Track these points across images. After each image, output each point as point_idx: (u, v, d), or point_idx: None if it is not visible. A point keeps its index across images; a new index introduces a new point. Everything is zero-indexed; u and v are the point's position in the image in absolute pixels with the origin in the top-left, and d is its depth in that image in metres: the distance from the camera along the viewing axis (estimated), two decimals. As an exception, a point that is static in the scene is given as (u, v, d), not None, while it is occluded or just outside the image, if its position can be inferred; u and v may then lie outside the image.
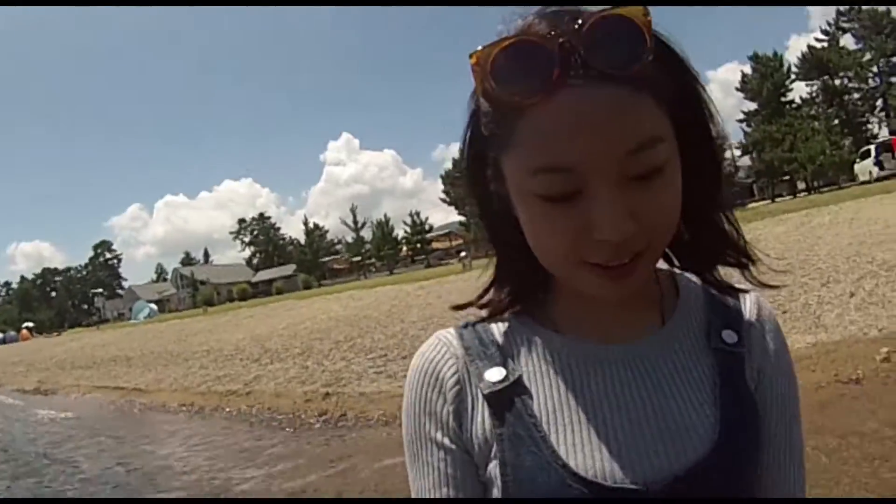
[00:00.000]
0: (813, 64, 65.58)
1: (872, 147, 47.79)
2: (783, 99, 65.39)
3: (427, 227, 71.31)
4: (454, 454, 0.97)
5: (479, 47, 0.82)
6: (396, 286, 28.72)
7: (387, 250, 66.49)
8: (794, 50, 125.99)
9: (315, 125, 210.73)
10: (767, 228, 22.89)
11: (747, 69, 67.64)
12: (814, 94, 66.36)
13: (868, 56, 66.36)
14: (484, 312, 1.07)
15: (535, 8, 0.88)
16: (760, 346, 1.01)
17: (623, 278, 0.87)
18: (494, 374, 0.97)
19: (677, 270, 1.07)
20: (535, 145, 0.83)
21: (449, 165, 75.48)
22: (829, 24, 69.66)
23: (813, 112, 63.86)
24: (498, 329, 1.04)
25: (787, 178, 62.49)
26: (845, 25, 68.76)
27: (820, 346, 8.61)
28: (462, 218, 68.11)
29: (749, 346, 1.00)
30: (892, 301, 10.35)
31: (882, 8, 64.90)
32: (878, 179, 41.23)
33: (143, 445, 12.34)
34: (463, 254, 67.90)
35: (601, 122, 0.79)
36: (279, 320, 24.65)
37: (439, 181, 74.65)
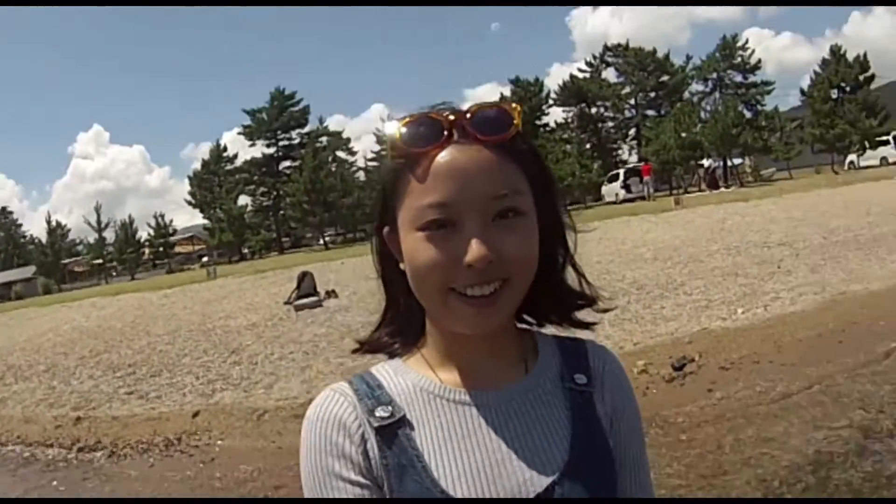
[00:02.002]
0: (572, 92, 69.87)
1: (621, 171, 51.77)
2: (538, 122, 69.10)
3: (171, 230, 68.80)
4: (369, 489, 1.06)
5: (394, 119, 1.08)
6: (139, 294, 28.10)
7: (129, 253, 63.57)
8: (554, 77, 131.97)
9: (67, 113, 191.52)
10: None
11: (506, 90, 70.69)
12: (569, 120, 70.95)
13: (628, 89, 72.10)
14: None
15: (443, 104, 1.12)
16: (610, 388, 1.19)
17: (487, 308, 1.03)
18: (382, 412, 1.08)
19: (535, 329, 1.22)
20: (424, 186, 1.03)
21: (198, 166, 72.19)
22: (594, 58, 74.79)
23: (566, 136, 67.74)
24: (381, 374, 1.16)
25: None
26: (610, 60, 74.29)
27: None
28: (206, 221, 66.97)
29: (599, 387, 1.17)
30: (644, 317, 11.04)
31: (648, 47, 71.54)
32: (624, 201, 44.62)
33: None
34: (205, 259, 66.40)
35: (475, 171, 1.02)
36: (20, 331, 23.01)
37: (186, 181, 71.72)
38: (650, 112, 71.79)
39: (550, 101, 70.67)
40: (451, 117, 1.05)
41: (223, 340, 14.20)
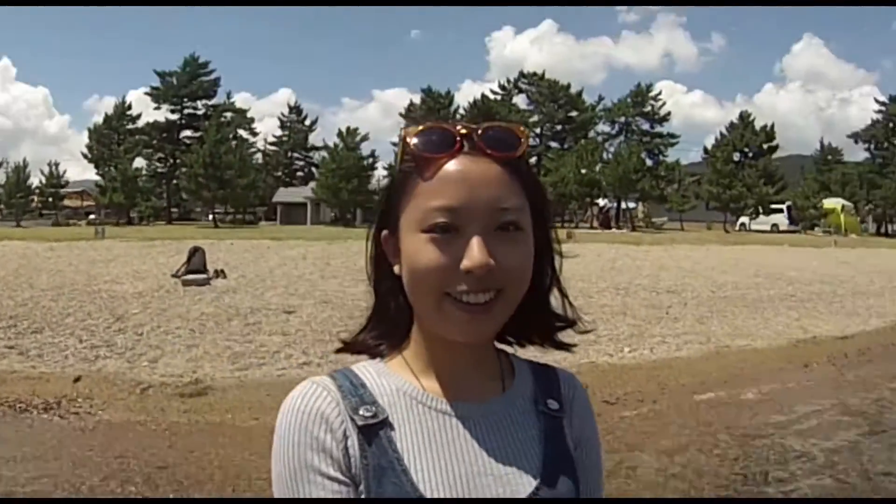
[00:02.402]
0: (482, 111, 70.18)
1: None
2: (442, 135, 69.24)
3: (63, 182, 66.28)
4: (347, 487, 1.06)
5: (407, 127, 1.13)
6: (24, 242, 27.03)
7: (18, 198, 61.13)
8: (465, 93, 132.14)
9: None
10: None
11: (416, 98, 71.96)
12: (473, 137, 70.83)
13: (536, 118, 73.76)
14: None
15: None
16: (578, 416, 1.25)
17: (481, 315, 1.05)
18: (366, 411, 1.09)
19: (510, 351, 1.27)
20: (432, 190, 1.06)
21: (99, 120, 69.57)
22: (508, 81, 76.22)
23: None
24: (365, 375, 1.16)
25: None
26: (523, 86, 75.86)
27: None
28: (99, 178, 64.68)
29: (569, 414, 1.23)
30: (529, 347, 11.59)
31: (563, 81, 73.65)
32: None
33: None
34: (93, 216, 63.83)
35: (482, 181, 1.06)
36: None
37: (86, 133, 69.01)
38: (554, 144, 73.90)
39: (458, 117, 70.50)
40: (463, 130, 1.09)
41: (108, 305, 13.81)
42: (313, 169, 74.43)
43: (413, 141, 1.10)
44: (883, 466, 7.54)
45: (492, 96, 73.64)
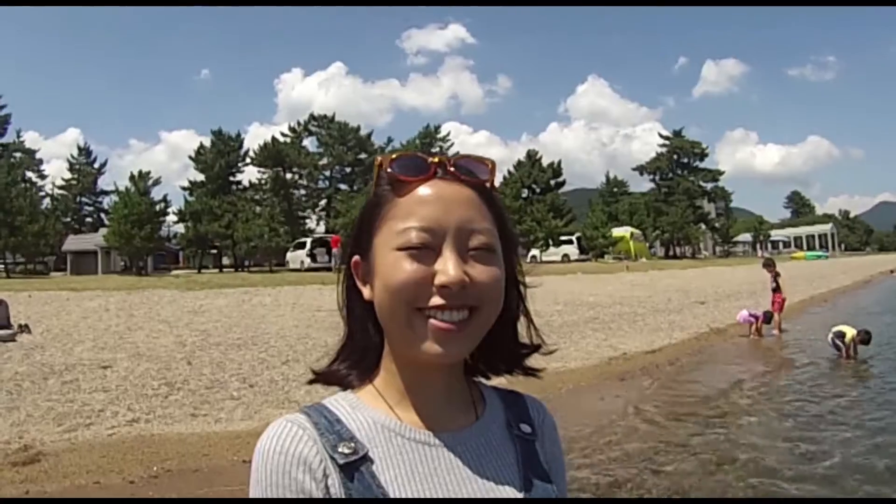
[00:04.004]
0: (271, 154, 69.71)
1: (309, 240, 52.70)
2: (232, 178, 68.44)
3: None
4: None
5: (381, 155, 1.15)
6: None
7: None
8: (253, 136, 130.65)
9: None
10: (209, 300, 24.05)
11: (206, 140, 69.55)
12: (263, 182, 70.44)
13: (325, 160, 73.88)
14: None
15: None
16: (549, 439, 1.27)
17: (454, 334, 1.06)
18: (345, 448, 1.07)
19: (480, 380, 1.28)
20: (407, 211, 1.08)
21: None
22: (298, 124, 75.95)
23: (258, 197, 67.76)
24: (339, 409, 1.14)
25: (214, 251, 64.77)
26: (313, 129, 75.94)
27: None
28: None
29: (540, 437, 1.25)
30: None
31: (352, 123, 74.77)
32: (310, 269, 45.29)
33: None
34: None
35: (457, 203, 1.09)
36: None
37: None
38: (343, 186, 74.29)
39: (248, 160, 70.27)
40: (436, 159, 1.13)
41: None
42: (102, 215, 70.83)
43: (390, 167, 1.13)
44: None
45: (282, 138, 72.89)
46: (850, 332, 14.38)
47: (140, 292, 26.75)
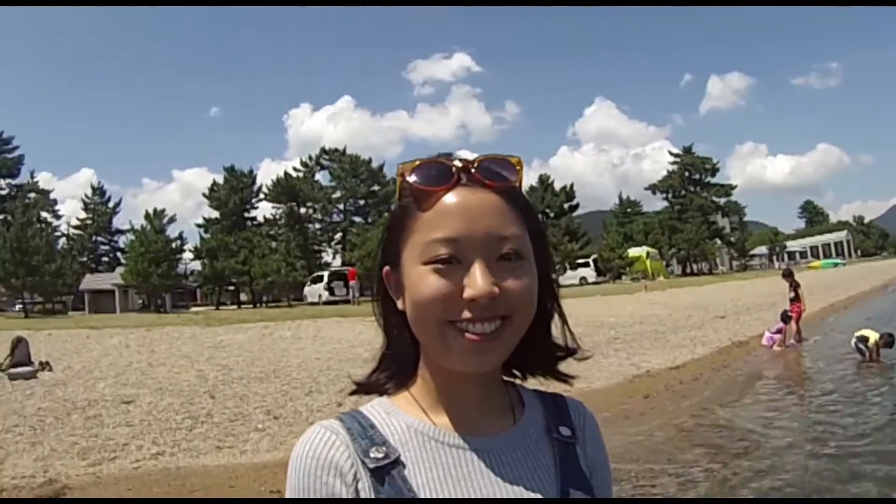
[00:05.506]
0: (285, 189, 70.06)
1: (325, 273, 52.63)
2: (247, 214, 69.10)
3: None
4: None
5: (403, 163, 1.13)
6: None
7: None
8: (265, 172, 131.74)
9: None
10: (229, 335, 23.88)
11: (219, 177, 70.15)
12: (278, 217, 70.85)
13: (339, 194, 73.88)
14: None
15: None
16: (591, 441, 1.24)
17: (488, 344, 1.04)
18: (377, 453, 1.08)
19: (518, 383, 1.26)
20: (432, 223, 1.06)
21: None
22: (310, 158, 76.09)
23: (273, 232, 68.12)
24: (373, 415, 1.15)
25: (232, 288, 65.04)
26: (325, 163, 75.96)
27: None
28: None
29: (581, 440, 1.22)
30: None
31: (364, 156, 74.77)
32: (328, 303, 45.44)
33: None
34: None
35: (482, 211, 1.06)
36: None
37: None
38: (357, 219, 74.14)
39: (262, 196, 70.82)
40: (459, 163, 1.10)
41: None
42: (118, 254, 71.46)
43: (411, 177, 1.10)
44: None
45: (294, 173, 73.34)
46: (874, 337, 14.47)
47: (160, 329, 26.72)
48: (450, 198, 1.08)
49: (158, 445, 9.44)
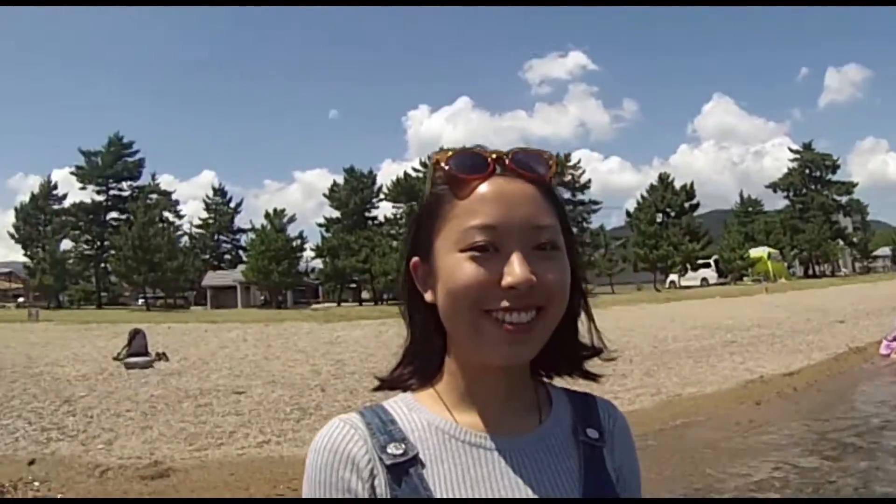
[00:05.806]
0: (405, 189, 70.66)
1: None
2: (367, 214, 70.35)
3: (-11, 263, 64.56)
4: None
5: (436, 152, 1.14)
6: None
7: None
8: (385, 173, 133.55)
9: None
10: (346, 331, 24.61)
11: (339, 178, 71.65)
12: (398, 216, 71.38)
13: (459, 193, 73.95)
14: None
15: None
16: (620, 444, 1.22)
17: (522, 335, 1.04)
18: (395, 449, 1.07)
19: (547, 380, 1.25)
20: (470, 210, 1.06)
21: (25, 198, 66.74)
22: (428, 158, 76.27)
23: (394, 231, 68.37)
24: (394, 409, 1.15)
25: (353, 285, 66.01)
26: (445, 164, 76.19)
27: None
28: (26, 259, 62.53)
29: (609, 443, 1.20)
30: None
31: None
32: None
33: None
34: (21, 299, 62.10)
35: (520, 200, 1.07)
36: None
37: (12, 213, 66.48)
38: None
39: (381, 196, 71.80)
40: (494, 155, 1.10)
41: (53, 387, 13.44)
42: (240, 252, 73.96)
43: (447, 165, 1.11)
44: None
45: (413, 174, 73.17)
46: None
47: (278, 325, 27.41)
48: (486, 186, 1.08)
49: (265, 434, 9.74)
